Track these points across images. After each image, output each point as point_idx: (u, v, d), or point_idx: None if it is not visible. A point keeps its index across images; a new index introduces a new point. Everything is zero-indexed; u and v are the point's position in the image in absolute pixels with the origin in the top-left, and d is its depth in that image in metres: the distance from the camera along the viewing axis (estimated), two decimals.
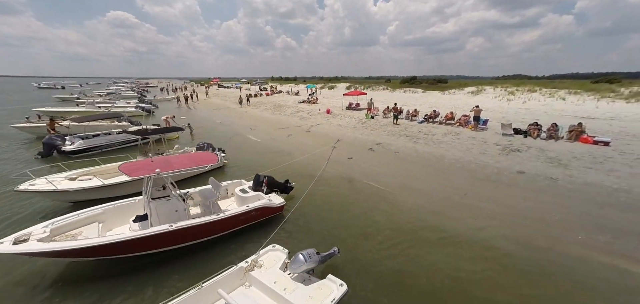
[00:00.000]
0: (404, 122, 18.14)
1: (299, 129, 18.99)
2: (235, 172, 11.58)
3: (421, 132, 15.43)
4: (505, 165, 10.65)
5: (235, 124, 22.25)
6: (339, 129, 17.91)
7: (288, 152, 14.15)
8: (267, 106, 30.60)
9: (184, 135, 17.75)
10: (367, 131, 17.02)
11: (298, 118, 22.38)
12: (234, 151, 14.54)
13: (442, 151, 12.52)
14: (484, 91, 31.28)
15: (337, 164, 12.26)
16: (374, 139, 15.08)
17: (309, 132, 17.89)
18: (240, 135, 18.24)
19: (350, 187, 9.95)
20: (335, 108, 25.82)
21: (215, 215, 6.24)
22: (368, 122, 18.93)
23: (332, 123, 19.72)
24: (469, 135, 13.99)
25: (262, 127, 20.50)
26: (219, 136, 18.05)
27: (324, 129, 18.38)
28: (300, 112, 24.98)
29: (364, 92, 23.94)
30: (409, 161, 11.99)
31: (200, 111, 31.28)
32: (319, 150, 14.06)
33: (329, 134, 16.95)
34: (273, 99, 37.84)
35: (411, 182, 10.00)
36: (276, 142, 16.07)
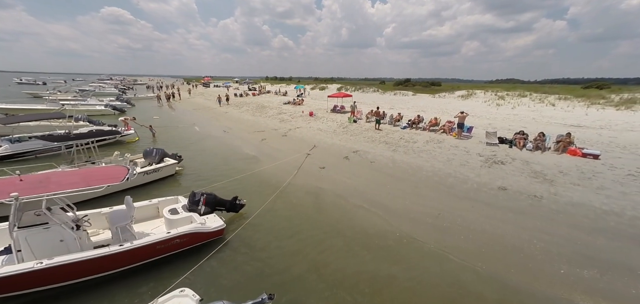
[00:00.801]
0: (387, 127, 17.15)
1: (275, 132, 17.84)
2: (188, 181, 10.40)
3: (402, 139, 14.43)
4: (487, 179, 9.69)
5: (210, 125, 20.99)
6: (318, 134, 16.82)
7: (256, 159, 12.99)
8: (249, 106, 29.35)
9: (145, 137, 16.43)
10: (347, 136, 15.96)
11: (278, 121, 21.22)
12: (197, 156, 13.34)
13: (421, 162, 11.52)
14: (474, 95, 30.53)
15: (307, 174, 11.17)
16: (352, 146, 14.03)
17: (285, 137, 16.76)
18: (210, 138, 16.99)
19: (315, 204, 8.87)
20: (320, 110, 24.73)
21: (118, 245, 5.07)
22: (350, 127, 17.88)
23: (312, 127, 18.63)
24: (452, 143, 13.03)
25: (238, 129, 19.30)
26: (187, 138, 16.79)
27: (302, 133, 17.27)
28: (282, 114, 23.83)
29: (349, 94, 22.92)
30: (384, 172, 10.96)
31: (179, 110, 29.88)
32: (291, 157, 12.95)
33: (306, 140, 15.84)
34: (258, 99, 36.59)
35: (383, 198, 8.96)
36: (247, 147, 14.90)
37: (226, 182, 10.01)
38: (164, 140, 16.20)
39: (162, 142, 15.63)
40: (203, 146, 15.29)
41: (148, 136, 16.97)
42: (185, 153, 13.68)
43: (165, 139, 16.55)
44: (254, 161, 12.80)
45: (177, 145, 15.07)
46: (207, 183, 9.93)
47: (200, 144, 15.72)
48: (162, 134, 17.86)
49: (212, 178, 10.64)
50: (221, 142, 16.11)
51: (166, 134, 17.96)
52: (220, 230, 6.54)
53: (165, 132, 18.55)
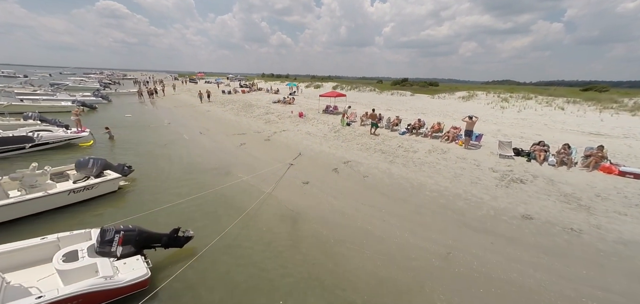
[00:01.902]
0: (384, 132, 15.20)
1: (258, 136, 15.76)
2: (134, 201, 8.30)
3: (401, 147, 12.49)
4: (506, 203, 7.79)
5: (186, 125, 18.81)
6: (305, 139, 14.79)
7: (228, 170, 10.92)
8: (235, 105, 27.15)
9: (101, 141, 14.21)
10: (338, 142, 13.96)
11: (263, 122, 19.13)
12: (157, 165, 11.21)
13: (423, 177, 9.58)
14: (475, 97, 28.79)
15: (286, 190, 9.17)
16: (343, 155, 12.04)
17: (268, 141, 14.69)
18: (181, 141, 14.83)
19: (291, 235, 6.88)
20: (311, 111, 22.67)
21: None
22: (343, 131, 15.88)
23: (300, 130, 16.58)
24: (458, 154, 11.13)
25: (216, 131, 17.16)
26: (154, 140, 14.60)
27: (288, 137, 15.22)
28: (269, 114, 21.72)
29: (343, 94, 20.93)
30: (379, 190, 9.00)
31: (159, 107, 27.55)
32: (271, 168, 10.92)
33: (291, 145, 13.80)
34: (246, 97, 34.37)
35: (376, 228, 7.01)
36: (221, 154, 12.80)
37: (182, 203, 7.96)
38: (125, 143, 14.00)
39: (122, 146, 13.48)
40: (170, 151, 13.14)
41: (102, 139, 14.75)
42: (145, 161, 11.58)
43: (127, 141, 14.35)
44: (225, 173, 10.73)
45: (138, 150, 12.93)
46: (156, 203, 7.87)
47: (167, 149, 13.56)
48: (127, 135, 15.65)
49: (164, 196, 8.58)
50: (193, 147, 13.98)
51: (131, 135, 15.74)
52: (141, 282, 4.52)
53: (132, 133, 16.34)
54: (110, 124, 18.64)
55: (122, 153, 12.42)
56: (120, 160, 11.44)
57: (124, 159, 11.65)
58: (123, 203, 8.26)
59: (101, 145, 13.57)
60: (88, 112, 22.73)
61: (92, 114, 22.08)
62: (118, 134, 15.51)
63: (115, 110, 25.12)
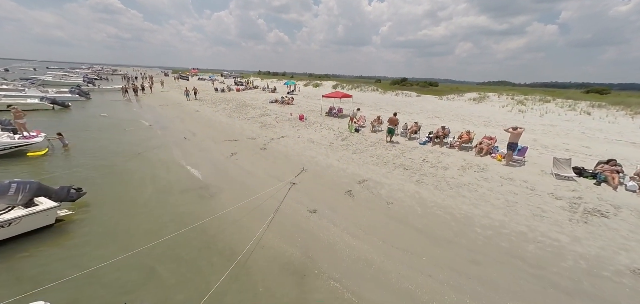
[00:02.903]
0: (401, 140, 13.00)
1: (252, 143, 13.39)
2: (78, 241, 5.90)
3: (426, 161, 10.30)
4: (596, 249, 5.63)
5: (170, 128, 16.32)
6: (309, 148, 12.50)
7: (214, 192, 8.59)
8: (228, 104, 24.66)
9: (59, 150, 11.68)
10: (348, 153, 11.70)
11: (258, 125, 16.75)
12: (122, 183, 8.81)
13: (465, 206, 7.39)
14: (487, 99, 26.85)
15: (289, 224, 6.91)
16: (356, 171, 9.78)
17: (264, 150, 12.35)
18: (159, 150, 12.36)
19: (298, 298, 4.68)
20: (312, 113, 20.39)
21: None
22: (351, 138, 13.64)
23: (302, 136, 14.27)
24: (500, 173, 8.98)
25: (204, 136, 14.73)
26: (125, 149, 12.10)
27: (288, 146, 12.91)
28: (266, 116, 19.35)
29: (349, 95, 18.67)
30: (411, 223, 6.77)
31: (144, 106, 24.89)
32: (268, 189, 8.62)
33: (292, 157, 11.50)
34: (240, 96, 31.85)
35: (421, 290, 4.81)
36: (207, 168, 10.43)
37: (147, 249, 5.62)
38: (87, 152, 11.48)
39: (82, 157, 10.99)
40: (143, 164, 10.71)
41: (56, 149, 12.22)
42: (107, 178, 9.15)
43: (91, 150, 11.82)
44: (210, 195, 8.39)
45: (102, 162, 10.47)
46: (107, 247, 5.55)
47: (140, 160, 11.12)
48: (94, 141, 13.13)
49: (123, 235, 6.24)
50: (173, 157, 11.56)
51: (99, 141, 13.22)
52: None
53: (101, 138, 13.80)
54: (81, 126, 16.11)
55: (79, 167, 9.95)
56: (75, 176, 9.03)
57: (81, 175, 9.23)
58: (56, 247, 5.86)
59: (58, 155, 11.05)
60: (58, 111, 20.04)
61: (61, 114, 19.40)
62: (82, 140, 13.01)
63: (93, 108, 22.43)
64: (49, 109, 19.86)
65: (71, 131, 14.59)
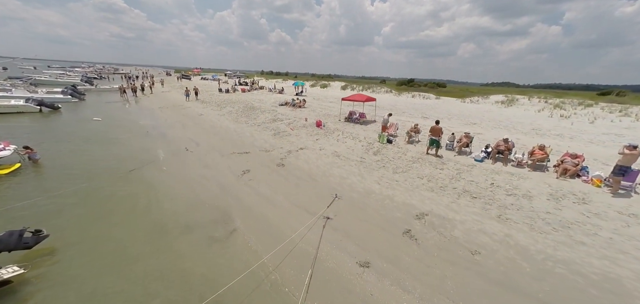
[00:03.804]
0: (448, 155, 10.75)
1: (267, 157, 11.19)
2: None
3: (497, 185, 8.04)
4: None
5: (170, 136, 14.14)
6: (336, 164, 10.29)
7: (224, 233, 6.40)
8: (234, 107, 22.48)
9: (34, 167, 9.48)
10: (387, 171, 9.48)
11: (271, 133, 14.55)
12: (102, 219, 6.60)
13: (595, 258, 5.13)
14: (516, 102, 24.51)
15: (334, 286, 4.87)
16: (408, 199, 7.55)
17: (281, 167, 10.14)
18: (156, 166, 10.16)
19: None
20: (329, 118, 18.19)
21: None
22: (385, 151, 11.43)
23: (324, 148, 12.06)
24: (613, 206, 6.70)
25: (209, 146, 12.55)
26: (114, 165, 9.90)
27: (310, 160, 10.70)
28: (278, 121, 17.15)
29: (373, 98, 16.36)
30: (525, 293, 4.53)
31: (143, 107, 22.77)
32: (297, 228, 6.42)
33: (319, 176, 9.28)
34: (247, 97, 29.70)
35: None
36: (213, 193, 8.23)
37: None
38: (64, 169, 9.30)
39: (56, 176, 8.81)
40: (133, 187, 8.54)
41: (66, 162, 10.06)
42: (86, 210, 7.00)
43: (69, 166, 9.63)
44: (222, 239, 6.20)
45: (82, 184, 8.29)
46: None
47: (129, 182, 8.95)
48: (75, 154, 10.95)
49: None
50: (171, 178, 9.38)
51: (83, 154, 11.06)
52: None
53: (86, 149, 11.64)
54: (67, 132, 13.98)
55: (49, 192, 7.78)
56: (41, 207, 6.87)
57: (50, 205, 7.08)
58: None
59: (27, 174, 8.89)
60: (46, 114, 17.97)
61: (48, 118, 17.32)
62: (63, 152, 10.88)
63: (85, 111, 20.34)
64: (36, 112, 17.80)
65: (53, 139, 12.49)
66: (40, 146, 11.09)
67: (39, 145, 10.85)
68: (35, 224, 5.64)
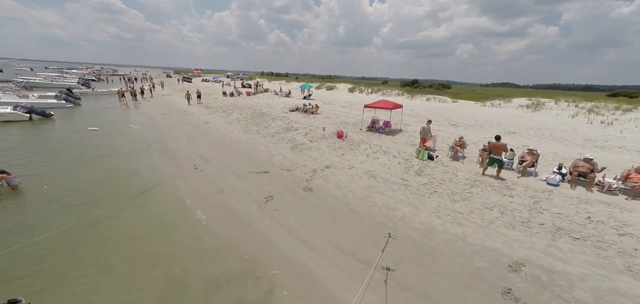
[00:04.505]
0: (509, 175, 9.14)
1: (290, 178, 9.55)
2: None
3: (598, 221, 6.44)
4: None
5: (175, 149, 12.47)
6: (374, 188, 8.69)
7: (258, 294, 4.76)
8: (241, 113, 20.84)
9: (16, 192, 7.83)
10: (444, 199, 7.88)
11: (288, 146, 12.92)
12: (95, 270, 4.93)
13: None
14: (543, 106, 22.94)
15: None
16: (488, 242, 5.94)
17: (310, 193, 8.50)
18: (161, 190, 8.49)
19: None
20: (348, 126, 16.61)
21: None
22: (429, 170, 9.84)
23: (354, 166, 10.47)
24: None
25: (221, 163, 10.89)
26: (114, 191, 8.24)
27: (342, 183, 9.08)
28: (292, 130, 15.53)
29: (400, 105, 14.67)
30: None
31: (143, 114, 21.08)
32: (350, 285, 4.81)
33: (357, 205, 7.66)
34: (253, 101, 28.06)
35: None
36: (236, 231, 6.59)
37: None
38: (52, 194, 7.62)
39: (43, 203, 7.15)
40: (134, 223, 6.91)
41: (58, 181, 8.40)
42: (74, 258, 5.36)
43: (58, 191, 7.94)
44: (261, 301, 4.58)
45: (69, 220, 6.62)
46: None
47: (129, 215, 7.31)
48: (67, 175, 9.28)
49: None
50: (179, 211, 7.74)
51: (75, 175, 9.38)
52: None
53: (80, 168, 9.97)
54: (58, 147, 12.30)
55: (29, 232, 6.14)
56: (15, 255, 5.26)
57: (29, 252, 5.43)
58: None
59: (4, 204, 7.23)
60: (36, 122, 16.29)
61: (38, 127, 15.64)
62: (50, 175, 9.21)
63: (81, 118, 18.66)
64: (25, 120, 16.14)
65: (40, 156, 10.83)
66: (23, 166, 9.45)
67: (21, 165, 9.22)
68: (9, 291, 4.05)
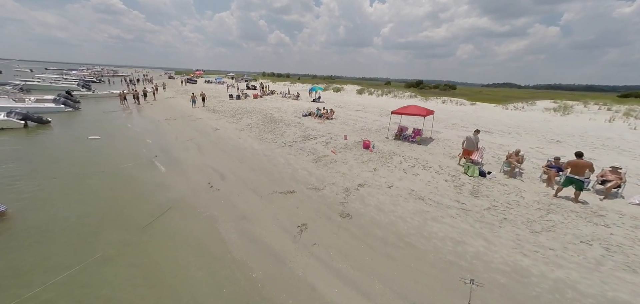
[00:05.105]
0: (591, 198, 7.81)
1: (320, 200, 8.21)
2: None
3: None
4: None
5: (185, 162, 11.12)
6: (426, 213, 7.36)
7: None
8: (252, 118, 19.52)
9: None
10: (516, 227, 6.55)
11: (310, 158, 11.59)
12: None
13: None
14: (571, 109, 21.56)
15: None
16: (605, 290, 4.60)
17: (348, 219, 7.16)
18: (173, 217, 7.16)
19: None
20: (370, 133, 15.30)
21: None
22: (482, 189, 8.51)
23: (393, 184, 9.14)
24: None
25: (239, 180, 9.51)
26: (113, 219, 6.89)
27: (384, 206, 7.76)
28: (310, 139, 14.22)
29: (431, 110, 13.30)
30: None
31: (147, 119, 19.76)
32: None
33: (412, 236, 6.34)
34: (262, 105, 26.75)
35: None
36: (266, 274, 5.24)
37: None
38: (43, 225, 6.28)
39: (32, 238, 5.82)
40: (144, 262, 5.60)
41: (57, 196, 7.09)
42: None
43: (52, 222, 6.59)
44: None
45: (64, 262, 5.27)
46: None
47: (140, 251, 6.00)
48: (63, 197, 7.93)
49: None
50: (202, 243, 6.44)
51: (71, 197, 8.04)
52: None
53: (79, 189, 8.63)
54: (57, 156, 11.01)
55: (10, 285, 4.83)
56: None
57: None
58: None
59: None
60: (32, 130, 15.00)
61: (34, 136, 14.33)
62: (43, 199, 7.88)
63: (80, 125, 17.35)
64: (20, 128, 14.85)
65: (34, 172, 9.51)
66: (14, 185, 8.16)
67: (11, 184, 7.92)
68: None
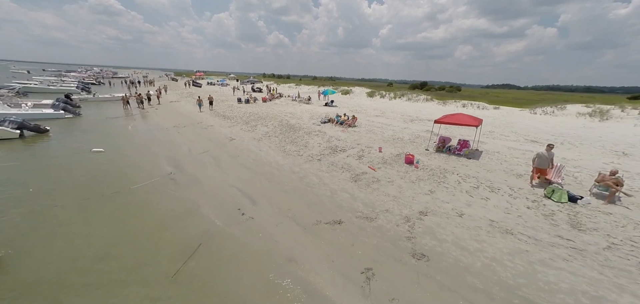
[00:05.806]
0: None
1: (378, 234, 6.70)
2: None
3: None
4: None
5: (207, 181, 9.55)
6: (522, 251, 5.87)
7: None
8: (267, 124, 18.00)
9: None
10: None
11: (346, 176, 10.07)
12: None
13: None
14: (608, 114, 20.12)
15: None
16: None
17: (424, 262, 5.65)
18: (201, 256, 5.66)
19: None
20: (405, 144, 13.83)
21: None
22: (578, 217, 7.03)
23: (462, 211, 7.66)
24: None
25: (272, 205, 7.97)
26: (124, 266, 5.34)
27: (464, 242, 6.26)
28: (339, 151, 12.72)
29: (479, 119, 11.80)
30: None
31: (153, 126, 18.21)
32: None
33: (517, 285, 4.83)
34: (274, 109, 25.25)
35: None
36: None
37: None
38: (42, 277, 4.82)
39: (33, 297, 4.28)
40: None
41: None
42: None
43: (50, 269, 5.08)
44: None
45: None
46: None
47: None
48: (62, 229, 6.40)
49: None
50: (247, 297, 4.91)
51: (83, 232, 6.50)
52: None
53: (90, 222, 7.10)
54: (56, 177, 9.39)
55: None
56: None
57: None
58: None
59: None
60: (29, 139, 13.43)
61: (30, 148, 12.77)
62: (41, 238, 6.34)
63: (81, 134, 15.78)
64: (14, 138, 13.30)
65: (30, 200, 7.95)
66: (3, 218, 6.64)
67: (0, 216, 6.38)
68: None
